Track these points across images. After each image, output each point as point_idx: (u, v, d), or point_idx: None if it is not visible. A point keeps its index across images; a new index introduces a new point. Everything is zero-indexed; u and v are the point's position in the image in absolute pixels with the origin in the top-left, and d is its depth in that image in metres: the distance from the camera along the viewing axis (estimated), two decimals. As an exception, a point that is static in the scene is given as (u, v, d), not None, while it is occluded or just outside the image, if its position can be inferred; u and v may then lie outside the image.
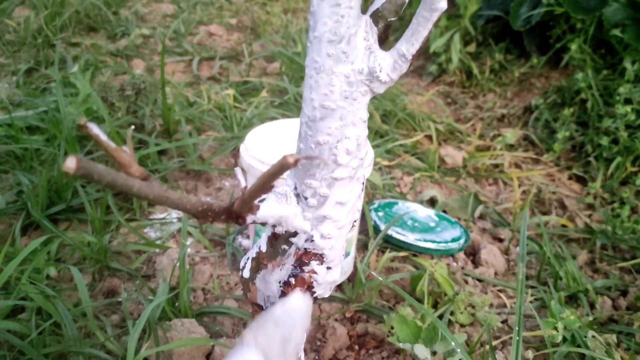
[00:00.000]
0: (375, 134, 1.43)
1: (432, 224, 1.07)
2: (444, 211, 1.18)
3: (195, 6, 2.27)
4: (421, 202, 1.18)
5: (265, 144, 0.82)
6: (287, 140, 0.84)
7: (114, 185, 0.33)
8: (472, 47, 1.86)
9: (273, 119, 1.37)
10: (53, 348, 0.72)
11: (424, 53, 1.95)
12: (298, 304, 0.40)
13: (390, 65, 0.45)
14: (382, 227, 1.01)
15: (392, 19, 0.47)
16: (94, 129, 0.33)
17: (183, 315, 0.81)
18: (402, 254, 0.98)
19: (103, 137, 0.34)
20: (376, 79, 0.44)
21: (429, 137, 1.49)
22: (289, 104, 1.46)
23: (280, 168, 0.33)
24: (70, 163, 0.30)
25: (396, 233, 1.00)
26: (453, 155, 1.39)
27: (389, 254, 0.94)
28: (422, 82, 1.88)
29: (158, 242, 0.98)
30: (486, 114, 1.66)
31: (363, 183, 0.49)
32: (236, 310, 0.82)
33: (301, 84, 1.56)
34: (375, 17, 0.46)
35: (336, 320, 0.85)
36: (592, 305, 0.94)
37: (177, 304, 0.83)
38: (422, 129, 1.49)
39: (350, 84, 0.44)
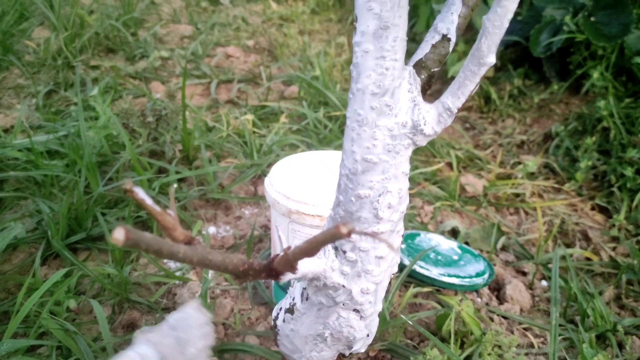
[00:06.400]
0: (395, 161, 1.41)
1: (456, 257, 1.05)
2: (466, 243, 1.16)
3: (213, 27, 2.28)
4: (442, 233, 1.16)
5: (290, 178, 0.81)
6: (312, 174, 0.82)
7: (161, 252, 0.32)
8: (490, 72, 1.85)
9: (292, 145, 1.36)
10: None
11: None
12: (192, 312, 0.41)
13: (434, 118, 0.43)
14: (406, 260, 0.99)
15: (436, 69, 0.46)
16: (140, 193, 0.32)
17: (205, 352, 0.79)
18: (425, 289, 0.96)
19: (148, 202, 0.33)
20: (420, 132, 0.43)
21: (449, 164, 1.48)
22: (307, 130, 1.45)
23: (332, 237, 0.32)
24: (119, 235, 0.29)
25: (420, 267, 0.99)
26: (474, 183, 1.37)
27: (412, 290, 0.93)
28: (439, 106, 1.87)
29: (178, 273, 0.97)
30: (505, 140, 1.64)
31: (402, 235, 0.48)
32: (258, 347, 0.81)
33: (319, 109, 1.55)
34: (419, 67, 0.45)
35: (360, 359, 0.83)
36: (619, 345, 0.92)
37: (198, 339, 0.82)
38: (442, 156, 1.48)
39: (394, 137, 0.43)
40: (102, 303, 0.89)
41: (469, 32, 2.07)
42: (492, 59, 0.41)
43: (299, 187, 0.78)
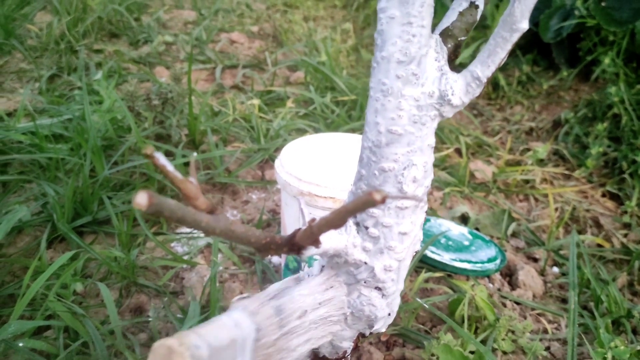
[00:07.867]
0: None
1: (467, 243, 1.03)
2: (476, 229, 1.14)
3: (217, 13, 2.26)
4: (452, 219, 1.15)
5: (301, 160, 0.79)
6: (323, 156, 0.81)
7: (184, 220, 0.30)
8: (498, 59, 1.82)
9: (300, 130, 1.34)
10: (82, 370, 0.70)
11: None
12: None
13: (462, 88, 0.42)
14: (416, 245, 0.98)
15: (463, 38, 0.44)
16: (161, 159, 0.30)
17: (214, 336, 0.78)
18: (437, 274, 0.94)
19: (170, 168, 0.31)
20: (447, 103, 0.42)
21: (458, 151, 1.46)
22: (315, 115, 1.43)
23: (363, 205, 0.30)
24: (142, 200, 0.27)
25: (431, 252, 0.97)
26: (483, 169, 1.35)
27: (424, 274, 0.91)
28: (446, 93, 1.85)
29: (186, 257, 0.96)
30: (514, 127, 1.63)
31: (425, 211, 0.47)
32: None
33: (326, 94, 1.54)
34: (445, 36, 0.44)
35: (371, 343, 0.82)
36: (634, 331, 0.91)
37: (207, 323, 0.81)
38: (451, 142, 1.46)
39: (420, 107, 0.41)
40: (109, 286, 0.88)
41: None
42: (525, 25, 0.39)
43: (311, 169, 0.76)
